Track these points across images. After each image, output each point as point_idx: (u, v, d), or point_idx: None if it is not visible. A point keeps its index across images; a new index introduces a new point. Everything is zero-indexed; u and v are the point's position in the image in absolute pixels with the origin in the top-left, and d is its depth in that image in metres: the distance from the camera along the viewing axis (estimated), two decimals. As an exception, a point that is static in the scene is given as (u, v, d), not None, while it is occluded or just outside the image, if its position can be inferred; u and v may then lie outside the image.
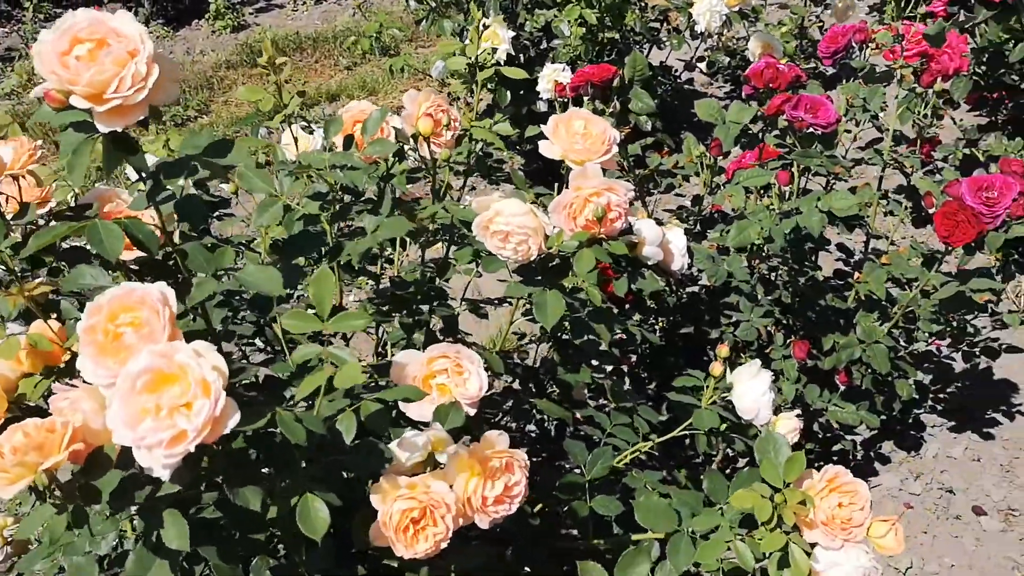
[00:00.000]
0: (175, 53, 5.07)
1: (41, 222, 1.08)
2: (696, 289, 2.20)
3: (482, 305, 1.85)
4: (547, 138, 1.23)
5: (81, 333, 0.80)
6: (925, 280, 1.89)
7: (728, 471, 1.58)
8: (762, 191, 1.96)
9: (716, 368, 1.30)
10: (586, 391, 1.69)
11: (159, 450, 0.75)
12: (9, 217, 1.00)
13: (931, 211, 1.76)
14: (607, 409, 1.53)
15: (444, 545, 0.94)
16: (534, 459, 1.70)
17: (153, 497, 0.84)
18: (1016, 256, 2.64)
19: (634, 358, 2.17)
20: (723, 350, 1.32)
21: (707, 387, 1.35)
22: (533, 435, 1.71)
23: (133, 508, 1.02)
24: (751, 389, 1.31)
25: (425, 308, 1.43)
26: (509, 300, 1.48)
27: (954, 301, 1.77)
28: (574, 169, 1.14)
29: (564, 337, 1.81)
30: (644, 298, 2.11)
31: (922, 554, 2.03)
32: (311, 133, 1.58)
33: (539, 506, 1.39)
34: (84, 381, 0.81)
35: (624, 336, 2.10)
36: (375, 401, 0.90)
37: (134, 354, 0.77)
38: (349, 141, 1.24)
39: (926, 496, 2.19)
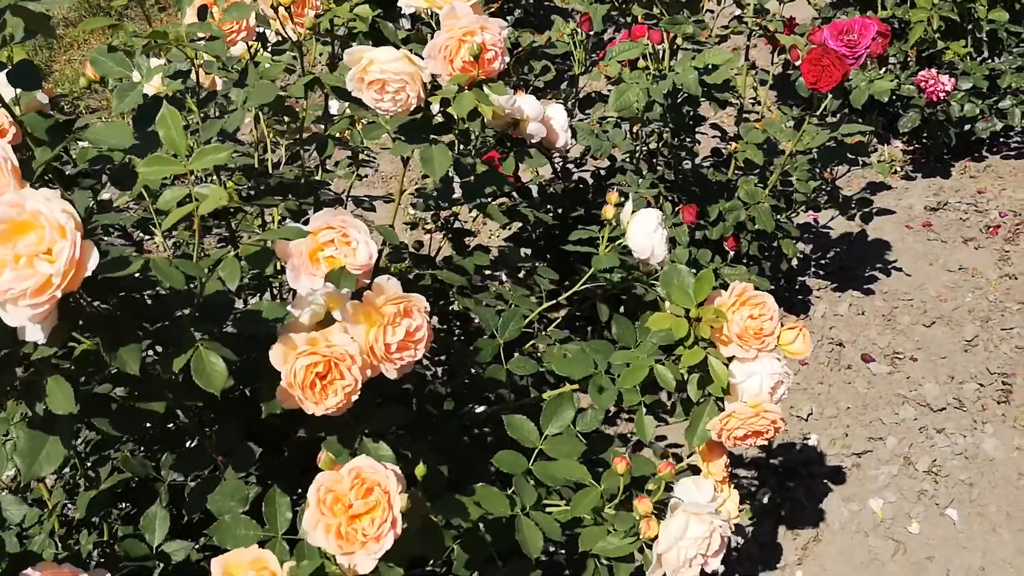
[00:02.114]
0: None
1: None
2: (584, 176, 2.20)
3: (366, 199, 1.80)
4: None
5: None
6: (797, 139, 1.95)
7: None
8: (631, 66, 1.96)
9: (608, 211, 1.30)
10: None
11: (24, 302, 0.69)
12: None
13: (797, 62, 1.81)
14: (506, 283, 1.52)
15: (355, 398, 0.90)
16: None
17: (34, 369, 0.77)
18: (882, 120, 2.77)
19: (528, 252, 2.17)
20: (612, 196, 1.32)
21: (602, 235, 1.35)
22: (444, 327, 1.68)
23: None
24: (643, 226, 1.31)
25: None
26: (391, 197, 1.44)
27: (829, 150, 1.83)
28: (443, 9, 1.09)
29: (456, 225, 1.79)
30: (529, 187, 2.10)
31: (820, 402, 2.13)
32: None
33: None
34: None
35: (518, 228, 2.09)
36: (255, 244, 0.85)
37: (-19, 212, 0.71)
38: (204, 12, 1.15)
39: (819, 351, 2.29)
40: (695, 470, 1.18)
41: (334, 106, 1.55)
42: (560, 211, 2.11)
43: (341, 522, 0.81)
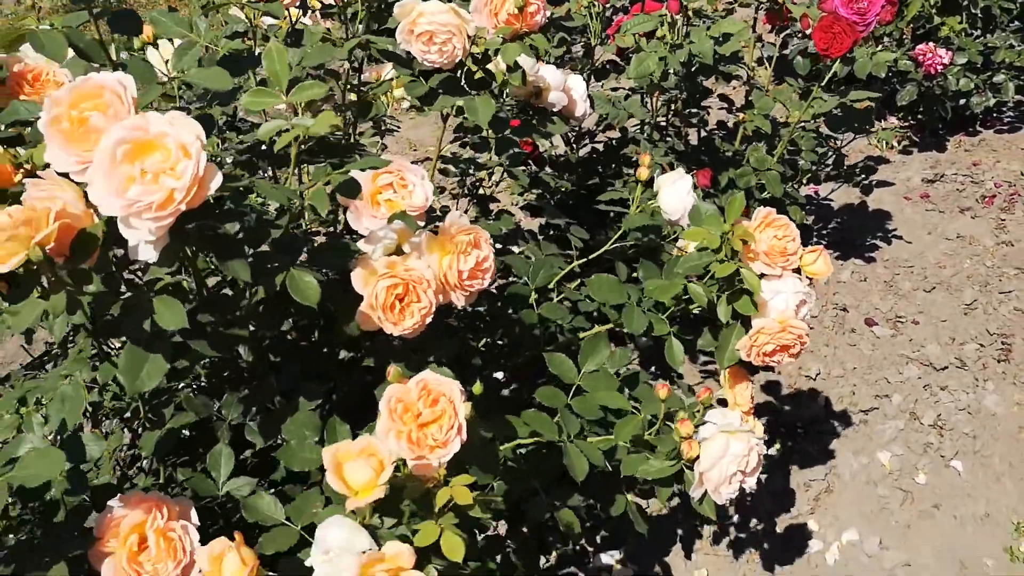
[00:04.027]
0: None
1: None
2: (597, 147, 2.26)
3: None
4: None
5: (45, 128, 0.78)
6: (805, 108, 2.01)
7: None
8: (647, 37, 2.02)
9: (643, 172, 1.36)
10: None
11: (148, 215, 0.74)
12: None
13: (808, 31, 1.87)
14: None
15: (429, 320, 0.96)
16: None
17: (140, 288, 0.83)
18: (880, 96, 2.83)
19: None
20: (646, 159, 1.38)
21: (633, 196, 1.41)
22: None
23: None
24: (676, 191, 1.37)
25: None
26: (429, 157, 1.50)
27: (837, 117, 1.89)
28: (489, -35, 1.15)
29: (480, 192, 1.85)
30: (544, 156, 2.16)
31: (827, 363, 2.20)
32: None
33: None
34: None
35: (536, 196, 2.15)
36: (342, 174, 0.91)
37: (105, 134, 0.76)
38: (259, -27, 1.21)
39: (824, 316, 2.36)
40: (722, 403, 1.25)
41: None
42: (574, 180, 2.17)
43: (411, 429, 0.87)
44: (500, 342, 1.44)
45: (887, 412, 2.05)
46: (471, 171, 1.78)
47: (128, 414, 1.26)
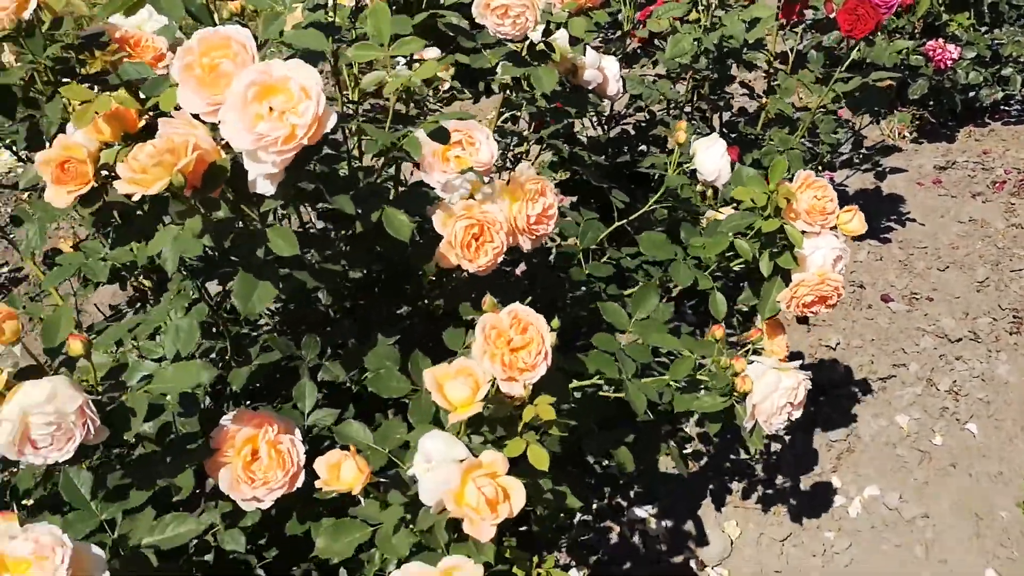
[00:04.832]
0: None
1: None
2: (627, 129, 2.38)
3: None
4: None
5: (179, 73, 0.89)
6: (826, 92, 2.13)
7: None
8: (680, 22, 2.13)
9: (680, 136, 1.47)
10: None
11: (273, 149, 0.85)
12: None
13: (832, 15, 1.98)
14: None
15: (500, 259, 1.07)
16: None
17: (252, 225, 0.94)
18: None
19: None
20: (682, 124, 1.49)
21: (671, 160, 1.52)
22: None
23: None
24: (712, 153, 1.48)
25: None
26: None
27: (857, 97, 2.00)
28: (557, -54, 1.26)
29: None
30: (574, 135, 2.28)
31: (846, 335, 2.31)
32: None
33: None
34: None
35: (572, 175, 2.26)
36: (432, 123, 1.02)
37: (236, 78, 0.87)
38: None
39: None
40: (757, 353, 1.36)
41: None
42: (603, 159, 2.28)
43: (504, 352, 0.98)
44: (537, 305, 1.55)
45: (904, 380, 2.16)
46: (512, 146, 1.89)
47: (214, 355, 1.37)
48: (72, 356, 0.86)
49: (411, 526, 0.96)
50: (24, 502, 1.27)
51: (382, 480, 1.05)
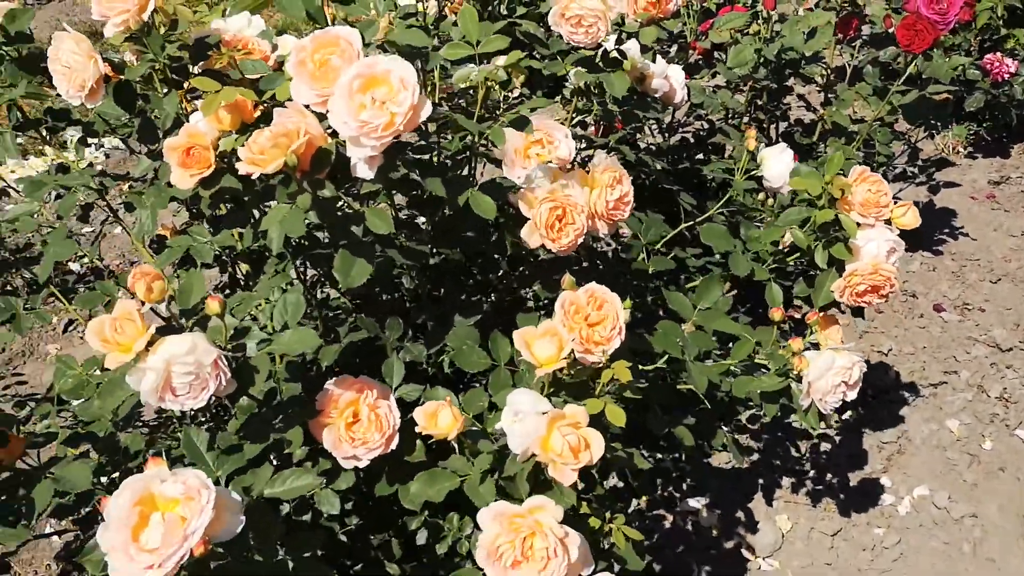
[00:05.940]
0: None
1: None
2: (687, 137, 2.46)
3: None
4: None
5: (294, 68, 1.01)
6: (883, 105, 2.19)
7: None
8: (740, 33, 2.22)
9: (750, 143, 1.56)
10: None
11: (375, 135, 0.96)
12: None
13: (890, 31, 2.05)
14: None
15: (580, 241, 1.17)
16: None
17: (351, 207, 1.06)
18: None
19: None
20: (752, 131, 1.58)
21: (738, 166, 1.61)
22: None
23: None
24: (780, 161, 1.57)
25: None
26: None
27: (914, 108, 2.07)
28: (632, -40, 1.36)
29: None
30: (636, 142, 2.37)
31: (898, 342, 2.36)
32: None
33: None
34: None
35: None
36: (513, 114, 1.13)
37: (343, 72, 0.98)
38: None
39: (894, 301, 2.52)
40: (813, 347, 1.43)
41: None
42: (664, 164, 2.37)
43: (581, 327, 1.07)
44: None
45: (955, 386, 2.20)
46: (579, 150, 1.99)
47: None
48: (208, 315, 0.97)
49: (495, 475, 1.06)
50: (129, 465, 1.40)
51: (471, 430, 1.15)
